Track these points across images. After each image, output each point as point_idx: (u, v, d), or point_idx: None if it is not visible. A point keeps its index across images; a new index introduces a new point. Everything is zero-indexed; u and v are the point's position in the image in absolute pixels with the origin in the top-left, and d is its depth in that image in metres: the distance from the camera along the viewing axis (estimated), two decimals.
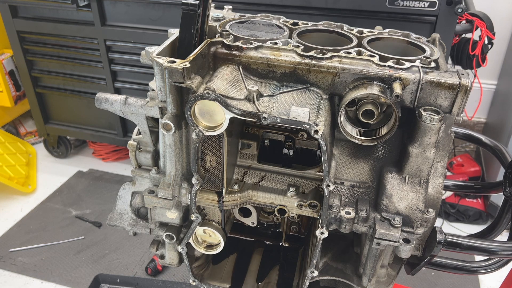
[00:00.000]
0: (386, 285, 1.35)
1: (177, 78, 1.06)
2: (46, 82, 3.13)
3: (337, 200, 1.18)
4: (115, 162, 3.44)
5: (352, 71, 1.13)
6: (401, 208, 1.16)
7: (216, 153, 1.21)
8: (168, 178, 1.26)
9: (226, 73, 1.16)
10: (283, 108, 1.08)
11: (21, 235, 2.70)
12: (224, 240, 1.36)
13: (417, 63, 1.14)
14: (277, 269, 1.61)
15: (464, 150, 3.47)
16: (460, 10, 2.13)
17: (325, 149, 1.05)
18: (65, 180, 3.22)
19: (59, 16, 2.81)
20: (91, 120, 3.17)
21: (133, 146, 1.32)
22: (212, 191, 1.27)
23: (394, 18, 2.26)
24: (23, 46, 2.99)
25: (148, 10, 2.61)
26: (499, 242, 1.21)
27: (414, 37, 1.35)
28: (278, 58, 1.16)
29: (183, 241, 1.34)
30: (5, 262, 2.50)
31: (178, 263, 1.44)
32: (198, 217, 1.28)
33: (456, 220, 2.90)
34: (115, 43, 2.76)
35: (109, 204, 2.95)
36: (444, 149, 1.20)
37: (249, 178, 1.32)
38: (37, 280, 2.40)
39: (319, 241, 1.19)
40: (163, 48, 1.16)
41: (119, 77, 2.92)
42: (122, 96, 1.26)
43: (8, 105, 3.29)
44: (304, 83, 1.18)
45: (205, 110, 1.09)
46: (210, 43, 1.19)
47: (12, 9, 2.86)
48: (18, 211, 2.92)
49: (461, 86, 1.07)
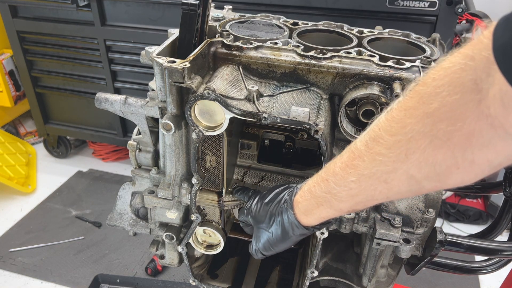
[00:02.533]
0: (386, 285, 1.35)
1: (177, 78, 1.06)
2: (46, 82, 3.12)
3: None
4: (115, 162, 3.44)
5: (352, 71, 1.13)
6: (401, 208, 1.16)
7: (216, 153, 1.21)
8: (168, 178, 1.26)
9: (226, 73, 1.16)
10: (283, 108, 1.08)
11: (21, 235, 2.70)
12: (224, 240, 1.36)
13: (417, 63, 1.14)
14: (277, 270, 1.61)
15: None
16: (460, 10, 2.13)
17: (325, 149, 1.05)
18: (65, 180, 3.21)
19: (59, 16, 2.80)
20: (91, 120, 3.17)
21: (133, 146, 1.32)
22: (212, 191, 1.26)
23: (394, 18, 2.26)
24: (23, 46, 2.98)
25: (148, 10, 2.60)
26: (499, 242, 1.20)
27: (414, 37, 1.35)
28: (278, 58, 1.16)
29: (183, 241, 1.34)
30: (5, 262, 2.50)
31: (178, 263, 1.44)
32: (198, 217, 1.28)
33: (456, 220, 2.89)
34: (115, 43, 2.76)
35: (109, 204, 2.94)
36: None
37: (249, 178, 1.32)
38: (37, 280, 2.40)
39: (319, 241, 1.19)
40: (163, 48, 1.16)
41: (119, 77, 2.92)
42: (122, 96, 1.26)
43: (8, 105, 3.29)
44: (304, 83, 1.18)
45: (205, 110, 1.09)
46: (210, 43, 1.19)
47: (12, 9, 2.86)
48: (18, 211, 2.92)
49: None
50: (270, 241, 1.05)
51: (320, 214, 0.92)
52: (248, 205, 1.12)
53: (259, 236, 1.08)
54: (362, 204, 0.84)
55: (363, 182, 0.77)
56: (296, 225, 0.97)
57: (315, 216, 0.93)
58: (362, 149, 0.75)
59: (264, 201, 1.07)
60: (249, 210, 1.11)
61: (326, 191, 0.85)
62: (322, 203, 0.88)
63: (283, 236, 1.01)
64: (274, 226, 1.02)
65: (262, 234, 1.07)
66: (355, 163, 0.77)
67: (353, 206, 0.84)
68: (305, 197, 0.93)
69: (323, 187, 0.85)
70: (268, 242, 1.06)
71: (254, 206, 1.10)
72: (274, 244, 1.05)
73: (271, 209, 1.03)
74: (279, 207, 1.01)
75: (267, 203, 1.05)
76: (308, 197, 0.92)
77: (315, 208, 0.91)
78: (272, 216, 1.03)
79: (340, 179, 0.80)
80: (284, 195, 1.02)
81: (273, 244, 1.05)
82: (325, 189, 0.85)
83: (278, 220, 1.01)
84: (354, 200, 0.82)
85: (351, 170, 0.78)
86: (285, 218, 0.98)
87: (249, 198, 1.16)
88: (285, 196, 1.01)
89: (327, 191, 0.85)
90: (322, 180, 0.86)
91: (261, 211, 1.07)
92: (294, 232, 0.99)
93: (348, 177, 0.78)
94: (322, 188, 0.86)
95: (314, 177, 0.91)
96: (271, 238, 1.04)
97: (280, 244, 1.04)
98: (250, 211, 1.11)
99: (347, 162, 0.79)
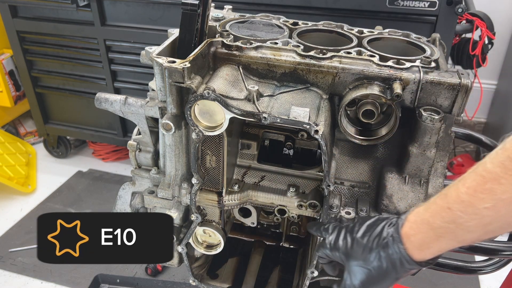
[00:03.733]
0: None
1: (177, 78, 1.06)
2: (46, 82, 3.12)
3: (337, 200, 1.18)
4: (115, 162, 3.44)
5: (352, 71, 1.13)
6: (401, 208, 1.16)
7: (216, 153, 1.21)
8: (168, 178, 1.26)
9: (226, 73, 1.16)
10: (283, 108, 1.08)
11: (21, 235, 2.70)
12: (224, 240, 1.36)
13: (417, 63, 1.14)
14: (277, 270, 1.61)
15: (464, 150, 3.46)
16: (460, 10, 2.13)
17: (325, 149, 1.05)
18: (65, 180, 3.21)
19: (59, 16, 2.80)
20: (91, 120, 3.17)
21: (133, 146, 1.32)
22: (212, 191, 1.26)
23: (394, 18, 2.25)
24: (23, 46, 2.98)
25: (148, 10, 2.60)
26: (499, 242, 1.20)
27: (414, 37, 1.35)
28: (278, 58, 1.16)
29: (183, 241, 1.34)
30: (5, 262, 2.50)
31: (178, 263, 1.44)
32: (198, 217, 1.28)
33: None
34: (115, 43, 2.76)
35: (109, 204, 2.94)
36: (444, 149, 1.20)
37: (249, 178, 1.32)
38: (37, 280, 2.39)
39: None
40: (163, 48, 1.16)
41: (119, 77, 2.92)
42: (122, 96, 1.26)
43: (8, 105, 3.29)
44: (304, 83, 1.18)
45: (205, 110, 1.09)
46: (210, 43, 1.19)
47: (12, 9, 2.85)
48: (18, 211, 2.92)
49: (461, 86, 1.07)
50: (370, 278, 0.95)
51: (439, 248, 0.83)
52: (332, 240, 1.03)
53: (355, 273, 0.98)
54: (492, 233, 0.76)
55: (501, 208, 0.69)
56: (407, 261, 0.87)
57: (432, 250, 0.84)
58: (498, 171, 0.68)
59: (356, 236, 0.98)
60: (335, 245, 1.02)
61: (450, 221, 0.77)
62: (443, 235, 0.80)
63: (388, 272, 0.92)
64: (376, 262, 0.93)
65: (359, 271, 0.97)
66: (488, 187, 0.69)
67: (481, 236, 0.77)
68: (420, 229, 0.84)
69: (445, 217, 0.77)
70: (367, 279, 0.96)
71: (342, 241, 1.01)
72: (375, 281, 0.95)
73: (368, 244, 0.95)
74: (380, 242, 0.92)
75: (361, 237, 0.97)
76: (425, 229, 0.83)
77: (434, 241, 0.82)
78: (371, 251, 0.94)
79: (468, 207, 0.73)
80: (382, 227, 0.94)
81: (374, 282, 0.95)
82: (448, 219, 0.77)
83: (381, 255, 0.92)
84: (485, 229, 0.74)
85: (483, 196, 0.70)
86: (392, 253, 0.89)
87: (329, 232, 1.06)
88: (385, 229, 0.93)
89: (450, 221, 0.76)
90: (443, 209, 0.78)
91: (354, 246, 0.98)
92: (403, 269, 0.89)
93: (480, 204, 0.71)
94: (444, 218, 0.77)
95: (426, 205, 0.83)
96: (372, 275, 0.94)
97: (383, 281, 0.94)
98: (337, 246, 1.01)
99: (476, 187, 0.71)
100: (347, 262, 1.00)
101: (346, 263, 1.01)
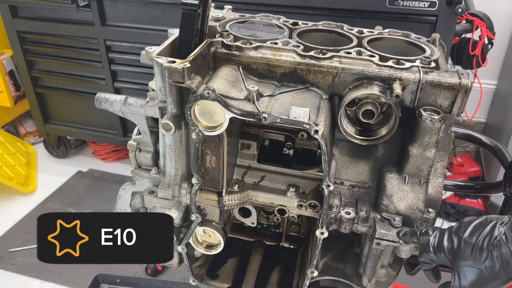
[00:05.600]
0: (386, 285, 1.35)
1: (177, 78, 1.06)
2: (46, 82, 3.13)
3: (337, 200, 1.18)
4: (115, 162, 3.44)
5: (352, 71, 1.13)
6: (401, 208, 1.16)
7: (216, 153, 1.21)
8: (168, 178, 1.26)
9: (226, 73, 1.16)
10: (283, 108, 1.08)
11: (21, 235, 2.70)
12: (224, 240, 1.36)
13: (417, 63, 1.14)
14: (277, 270, 1.61)
15: (464, 150, 3.47)
16: (460, 10, 2.13)
17: (325, 149, 1.05)
18: (65, 180, 3.21)
19: (59, 16, 2.81)
20: (91, 120, 3.17)
21: (133, 146, 1.32)
22: (212, 191, 1.26)
23: (394, 18, 2.26)
24: (23, 46, 2.99)
25: (148, 10, 2.61)
26: None
27: (414, 37, 1.35)
28: (278, 58, 1.16)
29: (183, 241, 1.34)
30: (5, 262, 2.50)
31: (178, 263, 1.44)
32: (198, 217, 1.28)
33: (456, 220, 2.89)
34: (115, 43, 2.76)
35: (109, 204, 2.94)
36: (444, 149, 1.20)
37: (249, 178, 1.32)
38: (37, 280, 2.40)
39: (319, 241, 1.19)
40: (163, 48, 1.16)
41: (119, 77, 2.92)
42: (122, 96, 1.26)
43: (8, 105, 3.29)
44: (304, 83, 1.18)
45: (205, 110, 1.09)
46: (210, 43, 1.19)
47: (12, 9, 2.86)
48: (18, 211, 2.92)
49: (461, 86, 1.07)
50: (481, 278, 0.94)
51: None
52: (435, 242, 1.03)
53: (464, 273, 0.97)
54: None
55: None
56: None
57: None
58: None
59: (463, 236, 0.97)
60: (439, 247, 1.02)
61: None
62: None
63: (500, 273, 0.91)
64: (488, 262, 0.92)
65: (469, 271, 0.96)
66: None
67: None
68: None
69: None
70: (478, 280, 0.95)
71: (447, 241, 1.00)
72: (486, 282, 0.94)
73: (478, 243, 0.94)
74: (491, 241, 0.92)
75: (468, 237, 0.97)
76: None
77: None
78: (482, 251, 0.93)
79: None
80: (493, 226, 0.94)
81: (484, 282, 0.95)
82: None
83: (494, 255, 0.91)
84: None
85: None
86: (506, 252, 0.89)
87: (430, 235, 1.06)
88: (496, 227, 0.93)
89: None
90: None
91: (462, 246, 0.97)
92: None
93: None
94: None
95: None
96: (484, 275, 0.94)
97: (493, 281, 0.94)
98: (442, 247, 1.01)
99: None
100: (454, 263, 0.99)
101: (453, 264, 1.00)
